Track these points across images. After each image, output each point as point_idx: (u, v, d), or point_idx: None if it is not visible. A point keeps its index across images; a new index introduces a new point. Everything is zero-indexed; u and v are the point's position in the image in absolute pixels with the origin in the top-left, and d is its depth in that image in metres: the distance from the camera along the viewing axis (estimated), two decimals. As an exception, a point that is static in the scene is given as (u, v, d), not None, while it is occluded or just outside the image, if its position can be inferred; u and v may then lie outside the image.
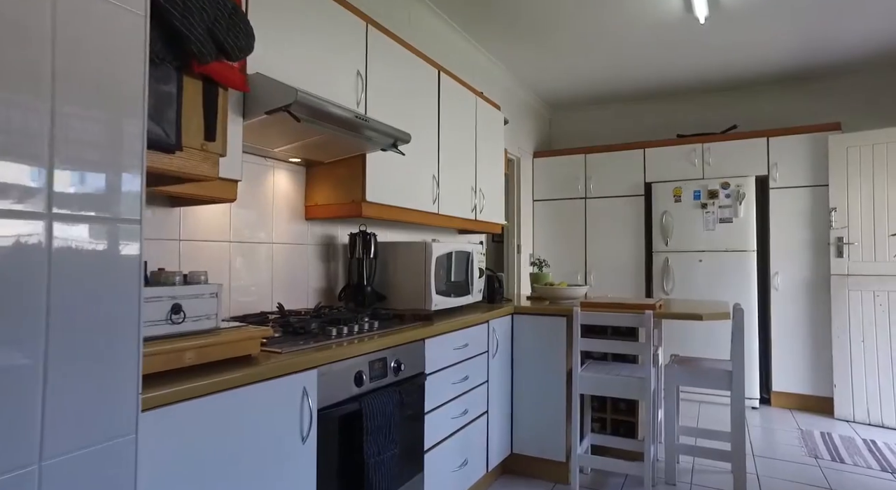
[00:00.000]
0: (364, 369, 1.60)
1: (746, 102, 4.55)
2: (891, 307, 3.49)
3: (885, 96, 4.12)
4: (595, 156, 4.60)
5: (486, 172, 3.16)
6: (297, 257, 2.21)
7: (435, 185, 2.58)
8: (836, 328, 3.66)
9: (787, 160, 3.91)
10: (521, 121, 4.68)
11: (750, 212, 3.93)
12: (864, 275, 3.58)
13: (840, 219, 3.68)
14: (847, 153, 3.68)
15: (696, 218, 4.10)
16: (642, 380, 2.36)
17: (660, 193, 4.24)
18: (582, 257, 4.61)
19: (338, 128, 1.73)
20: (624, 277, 4.42)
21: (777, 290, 3.90)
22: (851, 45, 3.66)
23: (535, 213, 4.84)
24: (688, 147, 4.23)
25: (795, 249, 3.86)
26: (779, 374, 3.88)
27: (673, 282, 4.16)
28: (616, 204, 4.49)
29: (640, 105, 4.98)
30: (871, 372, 3.54)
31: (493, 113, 3.27)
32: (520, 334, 2.73)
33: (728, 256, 3.98)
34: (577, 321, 2.47)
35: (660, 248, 4.22)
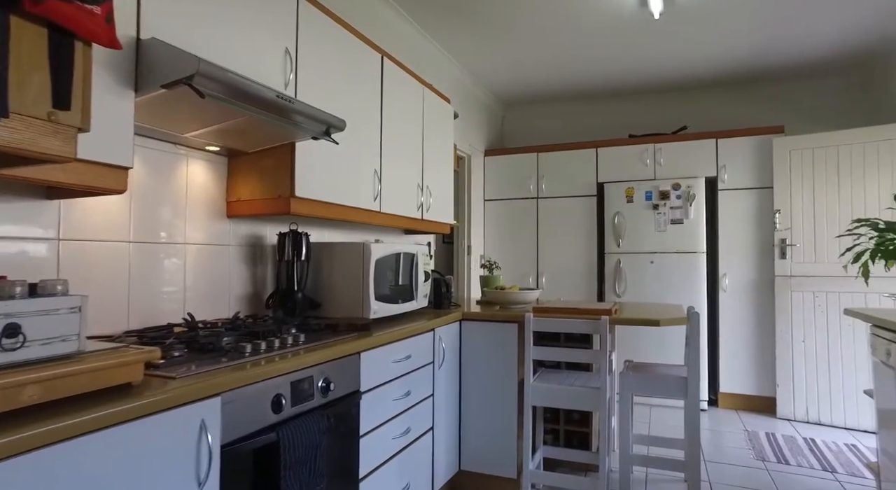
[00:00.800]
0: (285, 392, 1.36)
1: (696, 104, 4.56)
2: (829, 308, 3.54)
3: (825, 102, 4.21)
4: (547, 155, 4.49)
5: (434, 169, 2.96)
6: (217, 260, 1.94)
7: (377, 180, 2.36)
8: (780, 329, 3.69)
9: (735, 162, 3.92)
10: (472, 117, 4.51)
11: (700, 213, 3.92)
12: (806, 276, 3.62)
13: (784, 221, 3.71)
14: (790, 156, 3.72)
15: (647, 219, 4.05)
16: (597, 390, 2.22)
17: (612, 194, 4.18)
18: (534, 259, 4.49)
19: (257, 109, 1.48)
20: (576, 280, 4.33)
21: (725, 291, 3.90)
22: (795, 51, 3.70)
23: (487, 214, 4.68)
24: (640, 147, 4.19)
25: (743, 251, 3.88)
26: (726, 375, 3.89)
27: (625, 284, 4.10)
28: (568, 204, 4.39)
29: (592, 104, 4.93)
30: (811, 371, 3.58)
31: (441, 106, 3.07)
32: (468, 342, 2.54)
33: (679, 258, 3.95)
34: (529, 328, 2.31)
35: (612, 250, 4.16)
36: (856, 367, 3.46)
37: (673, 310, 2.59)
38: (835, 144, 3.59)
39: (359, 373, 1.73)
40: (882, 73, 3.79)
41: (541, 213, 4.49)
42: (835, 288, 3.53)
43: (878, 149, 3.47)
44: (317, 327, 1.85)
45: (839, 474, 2.82)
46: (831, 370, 3.53)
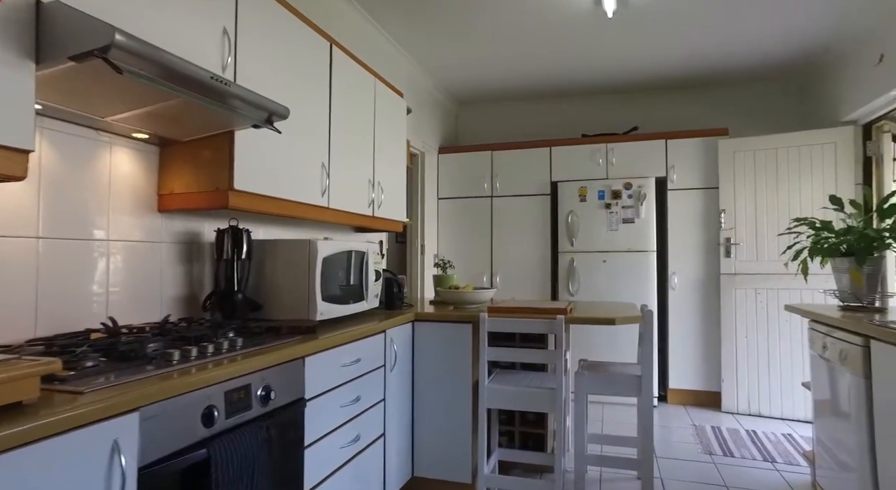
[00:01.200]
0: (218, 403, 1.23)
1: (647, 105, 4.65)
2: (769, 304, 3.67)
3: (765, 106, 4.38)
4: (501, 153, 4.46)
5: (387, 164, 2.86)
6: (146, 259, 1.77)
7: (325, 175, 2.23)
8: (725, 325, 3.80)
9: (684, 162, 4.01)
10: (426, 114, 4.43)
11: (650, 212, 3.98)
12: (749, 273, 3.74)
13: (729, 220, 3.82)
14: (734, 158, 3.83)
15: (600, 218, 4.09)
16: (553, 391, 2.18)
17: (566, 193, 4.19)
18: (488, 258, 4.46)
19: (187, 91, 1.34)
20: (530, 279, 4.32)
21: (674, 289, 3.99)
22: (739, 55, 3.82)
23: (441, 212, 4.61)
24: (593, 147, 4.22)
25: (691, 250, 3.97)
26: (675, 371, 3.97)
27: (578, 283, 4.12)
28: (522, 203, 4.38)
29: (546, 103, 4.94)
30: (752, 366, 3.71)
31: (394, 100, 2.97)
32: (422, 344, 2.45)
33: (630, 257, 4.01)
34: (483, 328, 2.25)
35: (565, 249, 4.17)
36: (792, 361, 3.60)
37: (627, 308, 2.59)
38: (774, 147, 3.73)
39: (303, 379, 1.61)
40: (815, 80, 3.97)
41: (495, 211, 4.45)
42: (775, 285, 3.66)
43: (812, 152, 3.63)
44: (258, 330, 1.71)
45: (778, 464, 2.92)
46: (771, 364, 3.66)
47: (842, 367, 2.07)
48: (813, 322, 2.45)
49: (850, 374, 2.01)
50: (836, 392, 2.16)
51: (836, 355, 2.12)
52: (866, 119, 3.49)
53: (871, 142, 3.52)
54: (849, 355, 2.00)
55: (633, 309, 2.55)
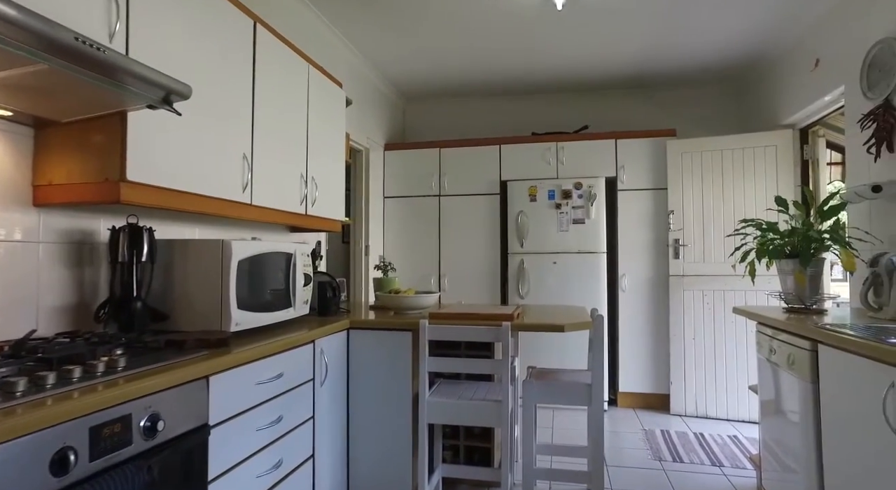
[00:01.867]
0: (78, 443, 0.99)
1: (597, 104, 4.61)
2: (716, 305, 3.68)
3: (711, 109, 4.41)
4: (450, 151, 4.30)
5: (322, 158, 2.63)
6: (16, 261, 1.48)
7: (247, 167, 1.99)
8: (673, 327, 3.78)
9: (633, 163, 3.97)
10: (371, 109, 4.21)
11: (600, 213, 3.92)
12: (696, 275, 3.73)
13: (677, 221, 3.81)
14: (682, 158, 3.82)
15: (550, 218, 3.99)
16: (499, 404, 2.02)
17: (515, 192, 4.07)
18: (435, 260, 4.28)
19: (46, 54, 1.09)
20: (479, 281, 4.18)
21: (624, 291, 3.94)
22: (685, 57, 3.82)
23: (387, 211, 4.40)
24: (543, 145, 4.13)
25: (640, 251, 3.93)
26: (625, 374, 3.92)
27: (528, 285, 4.01)
28: (471, 203, 4.23)
29: (496, 100, 4.82)
30: (700, 367, 3.70)
31: (331, 89, 2.75)
32: (357, 354, 2.24)
33: (581, 258, 3.93)
34: (424, 336, 2.06)
35: (515, 250, 4.05)
36: (738, 362, 3.61)
37: (577, 312, 2.47)
38: (719, 149, 3.74)
39: (207, 402, 1.37)
40: (756, 83, 4.03)
41: (443, 211, 4.29)
42: (722, 286, 3.66)
43: (754, 154, 3.65)
44: (155, 345, 1.46)
45: (725, 468, 2.88)
46: (717, 366, 3.66)
47: (789, 371, 2.01)
48: (760, 325, 2.40)
49: (797, 379, 1.95)
50: (783, 396, 2.10)
51: (784, 360, 2.06)
52: (803, 123, 3.54)
53: (807, 145, 3.57)
54: (796, 359, 1.95)
55: (583, 313, 2.43)
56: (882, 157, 2.43)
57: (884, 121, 2.39)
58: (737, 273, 3.53)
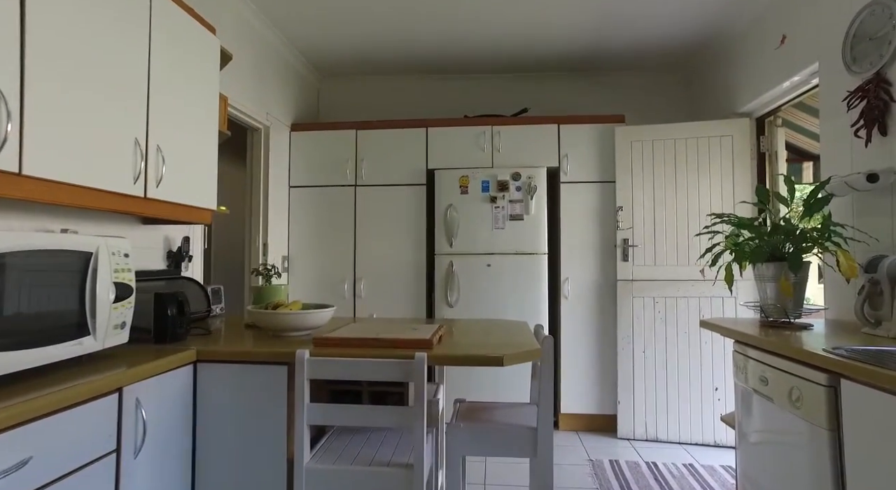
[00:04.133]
0: None
1: (538, 87, 4.11)
2: (667, 314, 3.26)
3: (661, 95, 4.04)
4: (368, 133, 3.65)
5: (176, 124, 1.90)
6: None
7: (3, 111, 1.25)
8: (621, 339, 3.33)
9: (578, 151, 3.50)
10: (274, 80, 3.47)
11: (541, 208, 3.41)
12: (647, 280, 3.31)
13: (626, 219, 3.37)
14: (631, 148, 3.39)
15: (484, 214, 3.43)
16: (409, 469, 1.41)
17: (444, 183, 3.48)
18: (350, 261, 3.62)
19: None
20: (401, 287, 3.55)
21: (566, 298, 3.45)
22: (633, 39, 3.39)
23: (292, 203, 3.68)
24: (476, 129, 3.56)
25: (586, 252, 3.46)
26: (567, 393, 3.43)
27: (458, 291, 3.43)
28: (393, 194, 3.60)
29: (427, 81, 4.22)
30: (650, 385, 3.27)
31: (195, 31, 2.03)
32: (207, 399, 1.55)
33: (518, 260, 3.40)
34: (302, 373, 1.42)
35: (443, 250, 3.46)
36: (690, 380, 3.21)
37: (517, 332, 1.90)
38: (671, 137, 3.33)
39: None
40: (711, 68, 3.68)
41: (360, 203, 3.63)
42: (674, 292, 3.25)
43: (709, 145, 3.28)
44: None
45: (687, 507, 2.43)
46: (669, 383, 3.24)
47: (793, 411, 1.53)
48: (739, 344, 1.94)
49: (806, 424, 1.47)
50: (783, 442, 1.63)
51: (783, 395, 1.59)
52: (760, 112, 3.20)
53: (764, 136, 3.24)
54: (805, 398, 1.47)
55: (524, 334, 1.86)
56: (873, 141, 2.04)
57: (875, 98, 2.00)
58: (706, 278, 3.11)
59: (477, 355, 1.45)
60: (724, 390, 3.16)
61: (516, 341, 1.67)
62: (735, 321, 2.17)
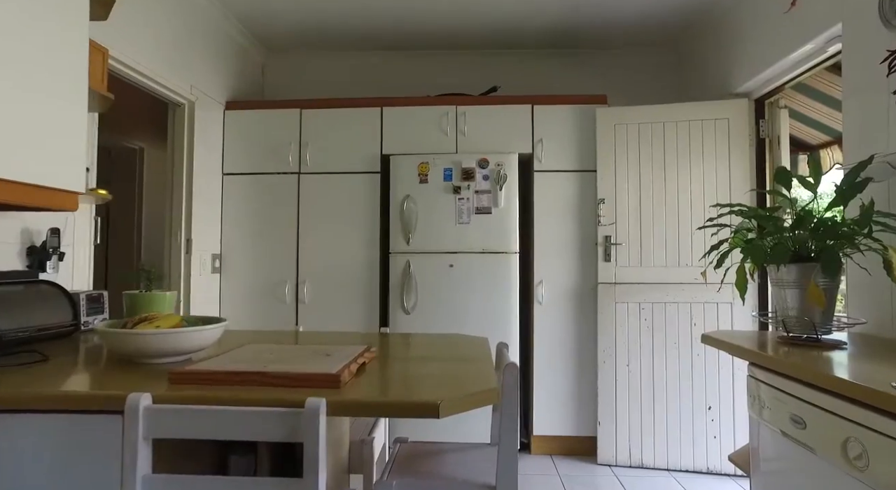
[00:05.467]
0: None
1: (511, 65, 3.66)
2: (654, 323, 2.85)
3: (648, 75, 3.63)
4: (315, 113, 3.16)
5: (15, 80, 1.39)
6: None
7: None
8: (602, 351, 2.90)
9: (554, 136, 3.06)
10: (203, 49, 2.96)
11: (512, 200, 2.96)
12: (632, 283, 2.89)
13: (608, 213, 2.94)
14: (615, 132, 2.96)
15: (446, 206, 2.97)
16: None
17: (401, 170, 3.01)
18: (293, 260, 3.12)
19: None
20: (351, 291, 3.07)
21: (541, 303, 3.01)
22: (613, 13, 2.98)
23: (226, 193, 3.17)
24: (439, 110, 3.10)
25: (562, 251, 3.02)
26: (541, 413, 2.99)
27: (416, 296, 2.96)
28: (342, 183, 3.12)
29: (385, 57, 3.74)
30: (635, 403, 2.85)
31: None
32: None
33: (485, 260, 2.95)
34: (134, 431, 0.93)
35: (399, 248, 2.99)
36: (680, 397, 2.80)
37: (472, 352, 1.44)
38: (660, 120, 2.92)
39: None
40: (700, 43, 3.28)
41: (304, 194, 3.13)
42: (663, 297, 2.84)
43: (703, 129, 2.88)
44: None
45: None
46: (656, 401, 2.83)
47: (854, 473, 1.10)
48: (759, 368, 1.52)
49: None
50: (820, 504, 1.20)
51: (834, 448, 1.16)
52: (760, 92, 2.81)
53: (764, 120, 2.85)
54: (872, 456, 1.04)
55: (480, 357, 1.40)
56: (918, 112, 1.64)
57: (921, 58, 1.60)
58: (708, 283, 2.71)
59: (400, 402, 0.98)
60: (717, 409, 2.76)
61: (467, 373, 1.21)
62: (744, 336, 1.75)
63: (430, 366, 1.29)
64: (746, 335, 1.81)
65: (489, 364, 1.31)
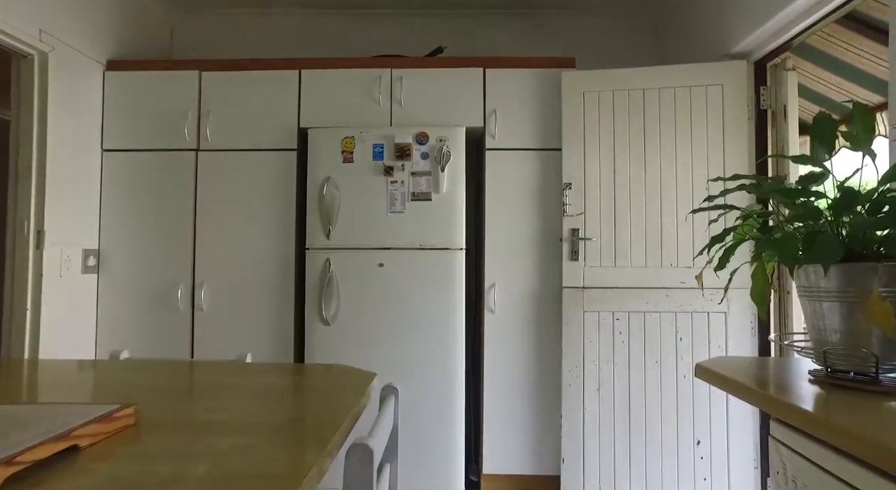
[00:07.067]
0: None
1: (461, 31, 3.09)
2: (632, 337, 2.31)
3: (622, 35, 3.09)
4: (218, 76, 2.55)
5: None
6: None
7: None
8: (568, 371, 2.35)
9: (510, 106, 2.49)
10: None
11: (458, 184, 2.39)
12: (604, 287, 2.34)
13: (576, 201, 2.39)
14: (584, 101, 2.41)
15: (376, 191, 2.39)
16: None
17: (321, 147, 2.43)
18: (188, 258, 2.51)
19: None
20: (260, 295, 2.47)
21: (493, 312, 2.44)
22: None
23: (106, 173, 2.54)
24: (370, 73, 2.52)
25: (520, 248, 2.46)
26: (493, 447, 2.42)
27: (337, 302, 2.37)
28: (250, 162, 2.52)
29: (314, 15, 3.14)
30: (606, 436, 2.30)
31: None
32: None
33: (425, 258, 2.37)
34: None
35: (318, 243, 2.40)
36: (662, 429, 2.26)
37: (328, 402, 0.86)
38: (639, 86, 2.38)
39: None
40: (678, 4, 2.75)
41: (203, 175, 2.53)
42: (642, 305, 2.30)
43: (692, 98, 2.34)
44: None
45: None
46: (633, 433, 2.28)
47: None
48: (783, 426, 0.97)
49: None
50: None
51: None
52: (762, 51, 2.27)
53: (766, 88, 2.32)
54: None
55: (327, 418, 0.82)
56: None
57: None
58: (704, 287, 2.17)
59: None
60: (708, 445, 2.22)
61: (266, 465, 0.62)
62: (755, 367, 1.21)
63: (214, 442, 0.70)
64: (758, 365, 1.26)
65: (332, 436, 0.73)
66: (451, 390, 2.33)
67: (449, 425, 2.32)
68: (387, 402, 0.94)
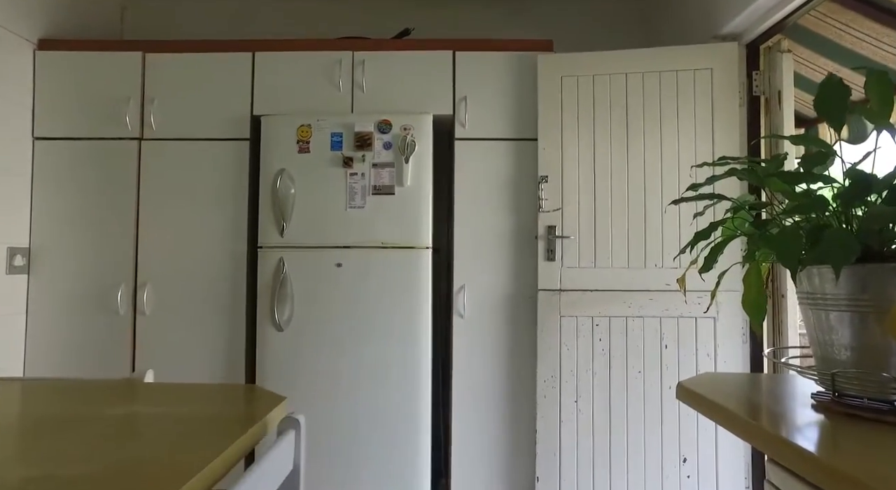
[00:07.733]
0: None
1: (431, 13, 2.88)
2: (613, 344, 2.11)
3: (603, 16, 2.89)
4: (164, 58, 2.33)
5: None
6: None
7: None
8: (543, 382, 2.15)
9: (482, 93, 2.29)
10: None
11: (424, 177, 2.19)
12: (583, 290, 2.14)
13: (552, 195, 2.19)
14: (562, 86, 2.21)
15: (334, 184, 2.18)
16: None
17: (276, 136, 2.21)
18: (130, 257, 2.29)
19: None
20: (209, 297, 2.26)
21: (462, 316, 2.23)
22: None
23: (38, 164, 2.32)
24: (330, 56, 2.30)
25: (492, 246, 2.25)
26: (462, 466, 2.21)
27: (292, 306, 2.16)
28: (199, 153, 2.30)
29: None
30: (585, 453, 2.11)
31: None
32: None
33: (387, 257, 2.17)
34: None
35: (271, 241, 2.19)
36: (646, 445, 2.07)
37: (189, 438, 0.65)
38: (622, 71, 2.18)
39: None
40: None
41: (147, 167, 2.30)
42: (625, 310, 2.10)
43: (678, 83, 2.15)
44: None
45: None
46: (613, 450, 2.09)
47: None
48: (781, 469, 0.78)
49: None
50: None
51: None
52: (754, 32, 2.09)
53: (759, 72, 2.13)
54: None
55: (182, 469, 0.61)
56: None
57: None
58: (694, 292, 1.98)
59: None
60: (695, 462, 2.03)
61: None
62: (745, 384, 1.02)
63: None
64: (749, 384, 1.07)
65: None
66: (416, 402, 2.13)
67: (412, 441, 2.11)
68: (282, 439, 0.73)
